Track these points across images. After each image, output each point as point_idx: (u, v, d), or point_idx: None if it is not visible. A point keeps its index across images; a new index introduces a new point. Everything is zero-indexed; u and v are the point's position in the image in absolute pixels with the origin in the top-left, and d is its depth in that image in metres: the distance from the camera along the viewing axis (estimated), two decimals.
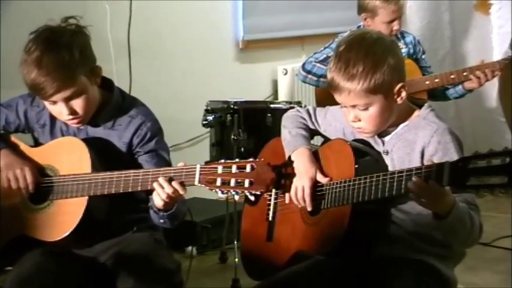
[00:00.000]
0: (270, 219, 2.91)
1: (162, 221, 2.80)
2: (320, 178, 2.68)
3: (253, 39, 5.78)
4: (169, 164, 2.87)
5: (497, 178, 2.09)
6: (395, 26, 4.38)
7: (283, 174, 2.70)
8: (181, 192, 2.62)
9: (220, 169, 2.50)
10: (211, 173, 2.52)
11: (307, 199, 2.69)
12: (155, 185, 2.63)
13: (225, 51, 5.69)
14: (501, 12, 5.96)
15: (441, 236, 2.53)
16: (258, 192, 2.47)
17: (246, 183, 2.46)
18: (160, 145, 2.93)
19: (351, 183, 2.54)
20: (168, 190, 2.61)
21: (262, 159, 2.52)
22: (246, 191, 2.48)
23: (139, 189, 2.70)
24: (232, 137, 4.12)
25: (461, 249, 2.69)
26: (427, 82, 4.45)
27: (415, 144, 2.58)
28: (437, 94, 4.58)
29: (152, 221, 2.86)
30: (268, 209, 2.92)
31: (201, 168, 2.56)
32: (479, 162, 2.14)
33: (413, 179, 2.31)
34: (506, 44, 4.67)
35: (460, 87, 4.49)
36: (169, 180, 2.61)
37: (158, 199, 2.65)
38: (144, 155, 2.89)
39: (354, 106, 2.57)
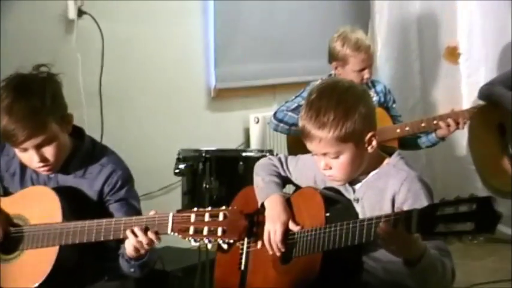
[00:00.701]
0: (242, 268, 2.90)
1: (132, 269, 2.78)
2: (292, 226, 2.69)
3: (225, 87, 5.79)
4: (139, 213, 2.86)
5: (465, 225, 2.10)
6: (365, 74, 4.41)
7: (255, 222, 2.71)
8: (156, 242, 2.61)
9: (193, 217, 2.49)
10: (184, 221, 2.51)
11: (279, 243, 2.69)
12: (129, 233, 2.62)
13: (197, 100, 5.69)
14: (469, 62, 6.03)
15: (413, 284, 2.53)
16: (231, 241, 2.47)
17: (219, 232, 2.45)
18: (131, 193, 2.92)
19: (321, 231, 2.55)
20: (143, 240, 2.60)
21: (235, 207, 2.51)
22: (219, 240, 2.47)
23: (111, 238, 2.68)
24: (204, 185, 4.11)
25: None
26: (398, 130, 4.48)
27: (385, 192, 2.59)
28: (409, 143, 4.61)
29: (122, 270, 2.84)
30: (241, 258, 2.91)
31: (173, 216, 2.55)
32: (447, 209, 2.15)
33: (381, 224, 2.32)
34: (475, 93, 4.71)
35: (432, 135, 4.50)
36: (145, 230, 2.60)
37: (131, 248, 2.64)
38: (115, 203, 2.88)
39: (324, 154, 2.59)
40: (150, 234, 2.60)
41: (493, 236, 5.78)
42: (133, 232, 2.61)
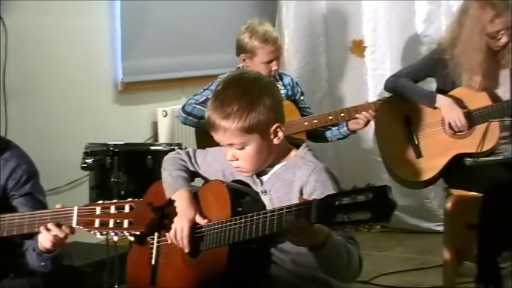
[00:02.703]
0: (153, 262, 2.88)
1: (43, 263, 2.74)
2: (199, 220, 2.69)
3: (132, 81, 5.75)
4: (45, 207, 2.82)
5: (362, 214, 2.13)
6: (274, 66, 4.43)
7: (164, 215, 2.69)
8: (70, 235, 2.58)
9: (98, 210, 2.47)
10: (89, 214, 2.48)
11: (185, 240, 2.68)
12: (42, 229, 2.57)
13: (104, 94, 5.64)
14: (375, 55, 6.12)
15: (322, 275, 2.55)
16: (138, 233, 2.44)
17: (125, 224, 2.43)
18: (36, 188, 2.88)
19: (228, 223, 2.56)
20: (60, 234, 2.56)
21: (142, 199, 2.49)
22: (125, 232, 2.44)
23: (15, 233, 2.64)
24: (112, 179, 4.08)
25: (343, 285, 2.70)
26: (306, 123, 4.51)
27: (294, 183, 2.61)
28: (318, 135, 4.66)
29: (29, 266, 2.79)
30: (151, 253, 2.89)
31: (78, 210, 2.52)
32: (345, 199, 2.18)
33: (287, 218, 2.33)
34: (381, 86, 4.78)
35: (344, 128, 4.57)
36: (58, 225, 2.57)
37: (47, 243, 2.60)
38: (20, 197, 2.84)
39: (231, 145, 2.60)
40: (65, 228, 2.57)
41: (398, 227, 5.92)
42: (46, 228, 2.57)
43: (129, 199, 2.45)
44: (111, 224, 2.44)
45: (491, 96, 4.32)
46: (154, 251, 2.89)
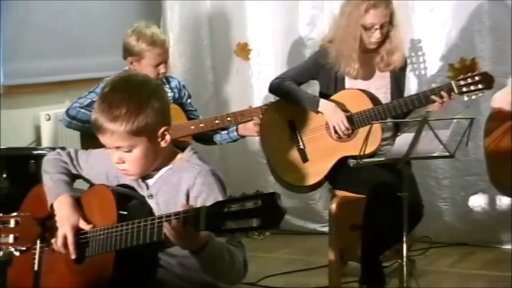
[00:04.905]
0: (36, 268, 2.83)
1: None
2: (83, 225, 2.65)
3: (14, 84, 5.62)
4: None
5: (251, 221, 2.14)
6: (161, 69, 4.43)
7: (47, 226, 2.64)
8: None
9: None
10: None
11: (70, 247, 2.64)
12: None
13: None
14: (260, 58, 6.16)
15: (209, 278, 2.55)
16: (24, 248, 2.39)
17: (11, 239, 2.37)
18: None
19: (114, 229, 2.53)
20: None
21: (28, 213, 2.44)
22: (10, 247, 2.39)
23: None
24: None
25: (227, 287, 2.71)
26: (192, 127, 4.52)
27: (180, 186, 2.61)
28: (206, 138, 4.67)
29: None
30: (34, 258, 2.84)
31: None
32: (234, 206, 2.18)
33: (165, 224, 2.33)
34: (266, 89, 4.82)
35: (234, 133, 4.61)
36: None
37: None
38: None
39: (118, 147, 2.58)
40: None
41: (284, 228, 5.97)
42: None
43: (15, 213, 2.40)
44: None
45: (372, 99, 4.41)
46: (37, 257, 2.83)
